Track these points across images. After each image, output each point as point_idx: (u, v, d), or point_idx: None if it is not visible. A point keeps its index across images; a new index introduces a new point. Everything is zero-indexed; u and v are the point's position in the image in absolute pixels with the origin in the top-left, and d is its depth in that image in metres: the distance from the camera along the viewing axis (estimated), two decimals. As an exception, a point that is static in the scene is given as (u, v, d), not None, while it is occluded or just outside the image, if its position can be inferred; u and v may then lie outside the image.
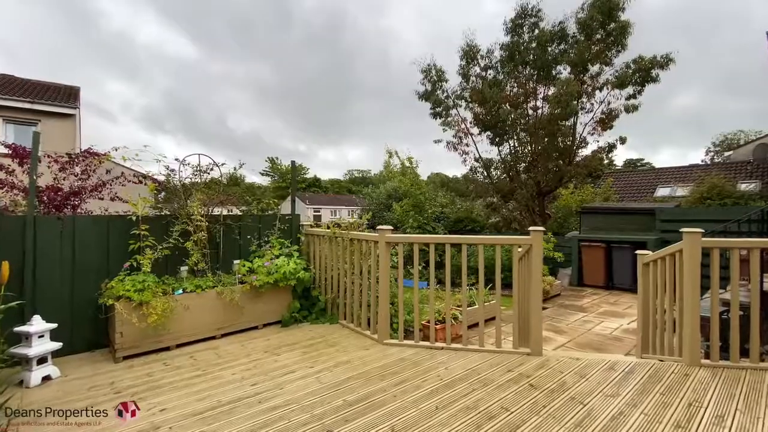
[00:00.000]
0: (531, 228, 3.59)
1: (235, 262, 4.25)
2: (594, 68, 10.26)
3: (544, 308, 7.66)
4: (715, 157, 38.24)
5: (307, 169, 68.16)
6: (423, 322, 5.32)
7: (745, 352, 3.24)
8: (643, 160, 50.51)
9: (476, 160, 12.82)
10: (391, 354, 3.51)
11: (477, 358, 3.45)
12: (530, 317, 3.70)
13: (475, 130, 12.55)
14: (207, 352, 3.64)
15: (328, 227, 4.80)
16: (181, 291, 3.73)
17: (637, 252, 4.12)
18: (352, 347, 3.68)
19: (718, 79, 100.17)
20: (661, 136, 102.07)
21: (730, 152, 22.03)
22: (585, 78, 10.10)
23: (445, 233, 13.01)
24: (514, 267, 3.99)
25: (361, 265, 4.13)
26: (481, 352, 3.61)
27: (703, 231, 3.16)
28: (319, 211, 49.82)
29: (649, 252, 4.02)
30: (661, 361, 3.52)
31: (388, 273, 3.92)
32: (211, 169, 4.55)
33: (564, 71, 10.51)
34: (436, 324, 5.08)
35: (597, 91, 10.57)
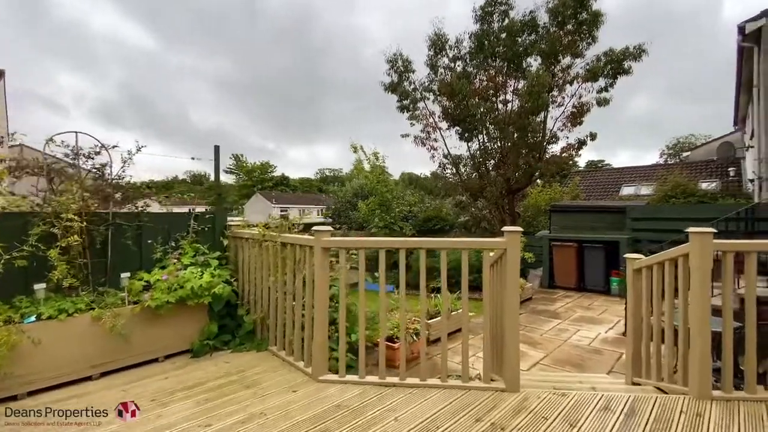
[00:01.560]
0: (506, 228, 2.84)
1: (123, 275, 3.24)
2: (565, 60, 9.85)
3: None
4: (668, 159, 40.06)
5: (274, 167, 65.90)
6: (375, 341, 4.53)
7: (760, 379, 2.64)
8: (604, 161, 52.37)
9: (445, 156, 12.19)
10: (325, 398, 2.65)
11: (438, 399, 2.66)
12: (505, 339, 2.95)
13: (443, 125, 11.90)
14: (72, 401, 2.63)
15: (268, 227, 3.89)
16: (33, 318, 2.69)
17: (627, 256, 3.47)
18: (276, 388, 2.78)
19: (670, 84, 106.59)
20: (618, 140, 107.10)
21: (688, 153, 22.81)
22: (556, 70, 9.66)
23: (413, 233, 12.30)
24: (485, 275, 3.24)
25: (294, 277, 3.24)
26: (444, 388, 2.82)
27: (714, 231, 2.52)
28: (286, 211, 48.06)
29: (641, 256, 3.39)
30: (661, 391, 2.88)
31: (327, 287, 3.06)
32: (98, 153, 3.49)
33: (535, 62, 10.04)
34: (391, 342, 4.30)
35: (568, 85, 10.18)
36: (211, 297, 3.37)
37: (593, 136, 10.19)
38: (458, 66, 11.34)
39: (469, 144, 11.64)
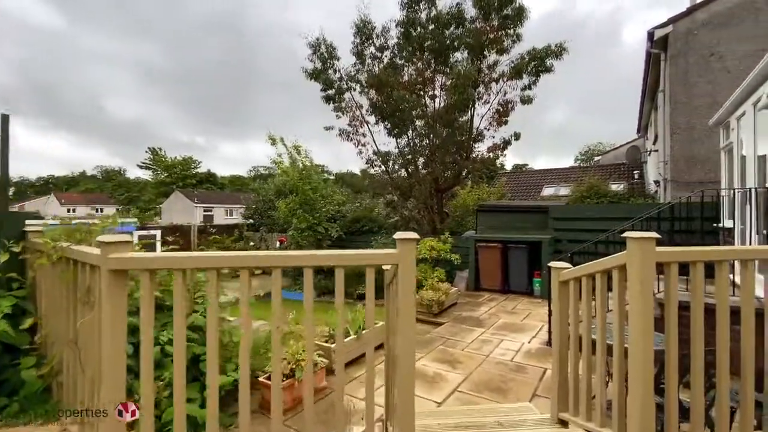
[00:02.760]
0: (398, 235, 2.02)
1: None
2: (491, 58, 9.66)
3: (439, 323, 6.47)
4: (581, 163, 44.07)
5: (199, 162, 60.48)
6: (262, 380, 3.59)
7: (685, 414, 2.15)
8: (527, 165, 56.29)
9: (375, 153, 11.45)
10: None
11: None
12: (397, 389, 2.15)
13: (371, 119, 11.16)
14: None
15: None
16: None
17: (552, 265, 2.90)
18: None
19: (580, 98, 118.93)
20: (538, 147, 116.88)
21: (599, 157, 24.84)
22: (483, 66, 9.41)
23: (339, 234, 11.39)
24: (386, 297, 2.45)
25: (75, 312, 2.13)
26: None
27: (658, 236, 1.97)
28: (210, 211, 44.25)
29: (567, 265, 2.83)
30: (594, 438, 2.29)
31: (123, 327, 2.00)
32: None
33: (462, 57, 9.69)
34: (284, 378, 3.39)
35: (494, 83, 10.00)
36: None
37: (517, 136, 10.16)
38: (386, 56, 10.67)
39: (398, 140, 11.04)
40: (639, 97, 12.34)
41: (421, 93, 10.13)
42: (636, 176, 15.47)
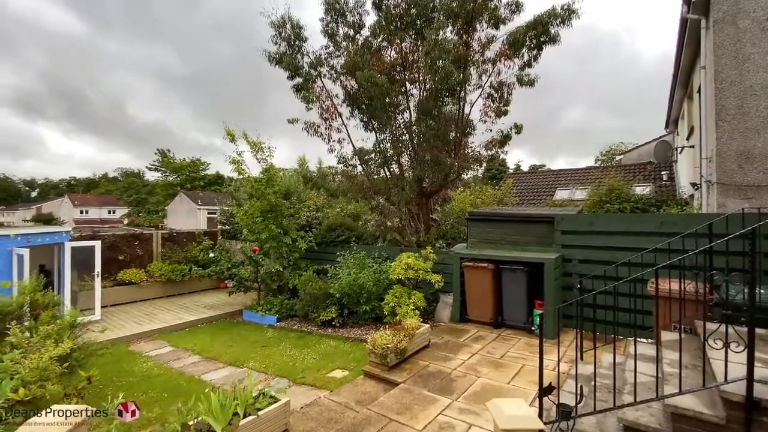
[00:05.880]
0: None
1: None
2: (483, 33, 7.85)
3: (392, 383, 4.31)
4: (602, 164, 41.21)
5: (208, 164, 59.95)
6: None
7: None
8: (545, 165, 53.57)
9: (352, 151, 9.78)
10: None
11: None
12: None
13: (346, 111, 9.51)
14: None
15: None
16: None
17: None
18: None
19: (598, 98, 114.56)
20: (556, 147, 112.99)
21: (621, 156, 22.50)
22: (472, 42, 7.63)
23: (309, 246, 9.75)
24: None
25: None
26: None
27: None
28: (214, 213, 43.37)
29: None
30: None
31: None
32: None
33: (450, 34, 7.92)
34: None
35: (490, 65, 8.19)
36: None
37: (519, 129, 8.31)
38: (361, 36, 9.01)
39: (378, 135, 9.34)
40: (670, 83, 10.27)
41: (402, 77, 8.41)
42: (665, 177, 13.32)
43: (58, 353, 3.65)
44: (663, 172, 13.44)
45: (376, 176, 9.64)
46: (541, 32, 6.95)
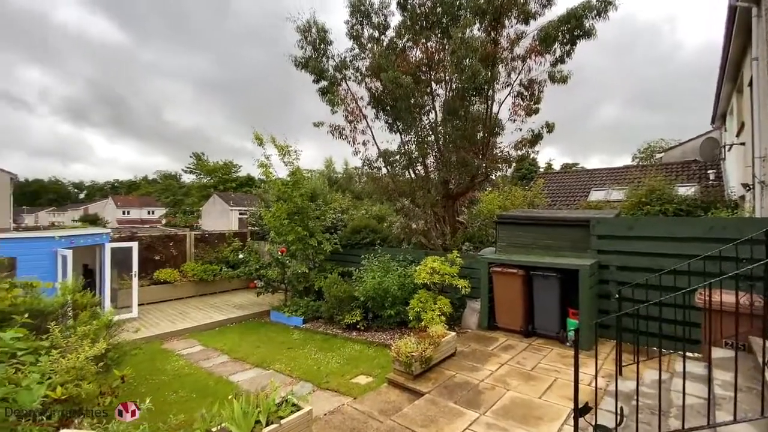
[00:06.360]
0: None
1: None
2: (512, 29, 7.57)
3: (416, 393, 4.18)
4: (640, 162, 39.04)
5: (239, 166, 61.91)
6: None
7: None
8: (578, 164, 51.52)
9: (378, 152, 9.74)
10: None
11: None
12: None
13: (370, 113, 9.48)
14: None
15: None
16: None
17: None
18: None
19: (634, 93, 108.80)
20: (590, 145, 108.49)
21: (662, 154, 21.24)
22: (500, 38, 7.37)
23: (335, 248, 9.78)
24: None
25: None
26: None
27: None
28: (245, 214, 44.71)
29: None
30: None
31: None
32: None
33: (477, 30, 7.70)
34: None
35: (519, 62, 7.90)
36: None
37: (550, 128, 7.96)
38: (387, 36, 8.95)
39: (403, 136, 9.25)
40: (717, 74, 9.53)
41: (428, 77, 8.25)
42: (712, 177, 12.41)
43: (94, 353, 3.78)
44: (710, 171, 12.53)
45: (400, 178, 9.55)
46: (574, 26, 6.60)
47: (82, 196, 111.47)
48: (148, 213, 74.78)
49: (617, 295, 4.94)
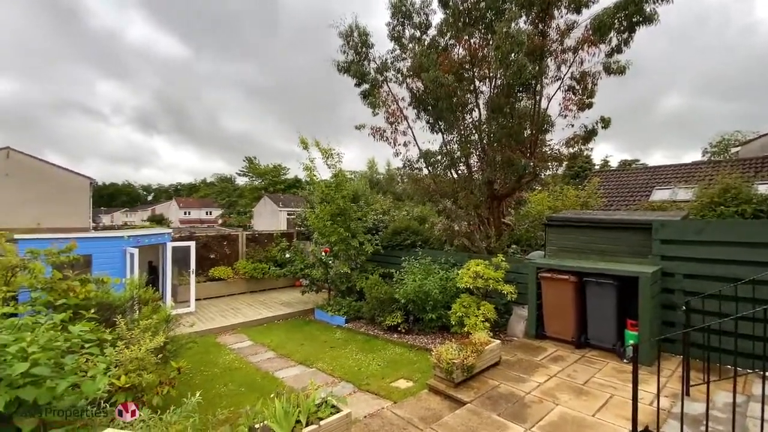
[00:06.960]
0: None
1: None
2: (562, 19, 7.13)
3: (458, 402, 4.08)
4: (712, 158, 35.21)
5: (287, 169, 64.53)
6: None
7: None
8: (638, 161, 47.67)
9: (419, 153, 9.67)
10: None
11: None
12: None
13: (411, 114, 9.42)
14: None
15: None
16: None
17: None
18: None
19: (702, 81, 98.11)
20: (651, 139, 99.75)
21: (738, 148, 19.02)
22: (549, 30, 6.96)
23: (376, 249, 9.83)
24: None
25: None
26: None
27: None
28: (293, 215, 46.51)
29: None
30: None
31: None
32: None
33: (523, 23, 7.34)
34: None
35: (570, 53, 7.43)
36: None
37: (606, 123, 7.39)
38: (427, 36, 8.84)
39: (445, 136, 9.08)
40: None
41: (471, 75, 8.02)
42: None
43: (153, 346, 4.09)
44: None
45: (442, 178, 9.38)
46: (633, 12, 6.05)
47: (150, 198, 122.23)
48: (206, 213, 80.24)
49: (684, 307, 4.48)
